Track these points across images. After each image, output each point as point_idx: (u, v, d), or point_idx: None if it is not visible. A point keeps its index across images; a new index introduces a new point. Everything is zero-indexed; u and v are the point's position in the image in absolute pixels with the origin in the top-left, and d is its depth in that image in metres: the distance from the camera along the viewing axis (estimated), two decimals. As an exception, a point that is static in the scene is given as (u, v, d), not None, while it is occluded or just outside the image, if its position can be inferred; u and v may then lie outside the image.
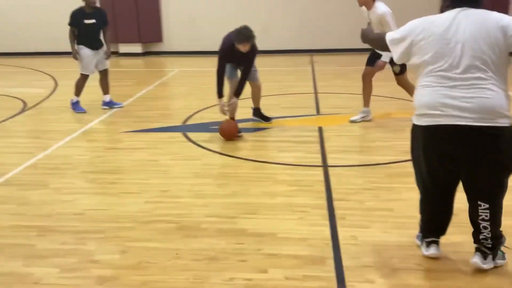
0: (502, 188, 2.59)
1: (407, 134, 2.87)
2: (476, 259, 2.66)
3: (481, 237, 2.63)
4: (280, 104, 6.84)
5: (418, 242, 2.93)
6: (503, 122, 2.42)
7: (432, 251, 2.81)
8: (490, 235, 2.60)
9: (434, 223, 2.82)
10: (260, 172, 4.34)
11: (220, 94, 5.25)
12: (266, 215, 3.48)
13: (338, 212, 3.46)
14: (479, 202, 2.56)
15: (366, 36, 2.95)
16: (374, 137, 5.25)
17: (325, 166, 4.40)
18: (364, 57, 5.60)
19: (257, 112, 5.88)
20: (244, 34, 4.99)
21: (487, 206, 2.54)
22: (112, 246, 3.08)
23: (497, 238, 2.66)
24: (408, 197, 3.65)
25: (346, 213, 3.45)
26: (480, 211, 2.57)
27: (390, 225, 3.26)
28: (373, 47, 2.80)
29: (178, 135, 5.48)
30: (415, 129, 2.65)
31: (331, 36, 11.84)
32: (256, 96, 5.79)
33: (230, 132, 5.18)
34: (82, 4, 6.42)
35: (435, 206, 2.77)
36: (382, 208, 3.51)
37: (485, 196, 2.57)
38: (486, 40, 2.39)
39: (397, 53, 2.66)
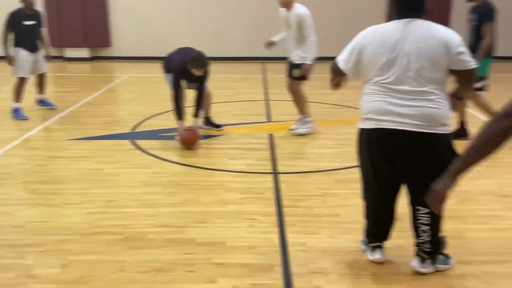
0: None
1: (355, 141, 2.92)
2: (415, 263, 2.75)
3: (420, 241, 2.71)
4: (231, 111, 6.83)
5: (364, 247, 2.98)
6: (442, 130, 2.51)
7: (377, 255, 2.87)
8: (429, 239, 2.67)
9: (378, 227, 2.88)
10: (210, 180, 4.29)
11: (180, 116, 5.10)
12: (216, 223, 3.44)
13: (287, 219, 3.48)
14: (418, 207, 2.64)
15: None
16: (323, 143, 5.33)
17: (275, 173, 4.42)
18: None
19: (207, 120, 5.84)
20: (200, 61, 4.96)
21: (426, 210, 2.60)
22: (53, 260, 2.93)
23: (436, 243, 2.72)
24: (355, 202, 3.71)
25: (295, 220, 3.47)
26: (419, 215, 2.65)
27: (337, 230, 3.30)
28: (333, 79, 2.78)
29: (126, 142, 5.34)
30: (361, 132, 2.72)
31: (283, 44, 11.97)
32: (205, 105, 5.74)
33: (191, 141, 5.08)
34: (20, 5, 6.19)
35: (379, 211, 2.82)
36: (330, 214, 3.56)
37: (424, 201, 2.65)
38: (430, 55, 2.45)
39: (348, 67, 2.68)
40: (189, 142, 5.07)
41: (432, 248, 2.71)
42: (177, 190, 4.04)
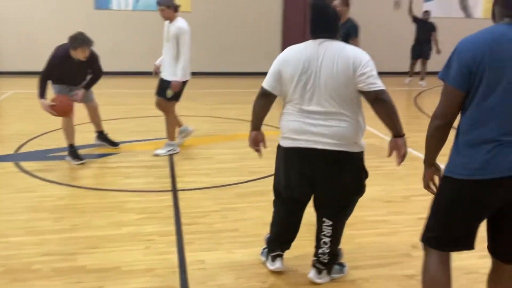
0: (347, 209, 2.81)
1: (254, 155, 2.97)
2: (312, 275, 2.84)
3: (319, 251, 2.80)
4: (129, 127, 6.60)
5: (263, 258, 3.02)
6: (353, 149, 2.63)
7: (277, 265, 2.92)
8: (328, 251, 2.78)
9: (283, 237, 2.95)
10: (104, 202, 4.07)
11: (42, 96, 4.65)
12: (110, 248, 3.26)
13: (186, 237, 3.40)
14: (324, 219, 2.76)
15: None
16: (222, 158, 5.34)
17: (174, 190, 4.32)
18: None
19: (101, 135, 5.55)
20: (81, 38, 4.58)
21: (330, 223, 2.74)
22: None
23: (334, 255, 2.85)
24: (253, 216, 3.76)
25: (194, 238, 3.40)
26: (323, 227, 2.76)
27: (236, 245, 3.30)
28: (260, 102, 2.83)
29: (9, 165, 4.89)
30: (279, 149, 2.80)
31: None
32: (94, 118, 5.44)
33: (64, 108, 4.70)
34: None
35: (287, 221, 2.92)
36: (229, 229, 3.55)
37: (330, 214, 2.75)
38: (340, 76, 2.49)
39: (273, 88, 2.70)
40: (61, 109, 4.69)
41: (329, 259, 2.81)
42: (66, 215, 3.77)
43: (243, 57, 11.86)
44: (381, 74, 2.58)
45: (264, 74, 2.82)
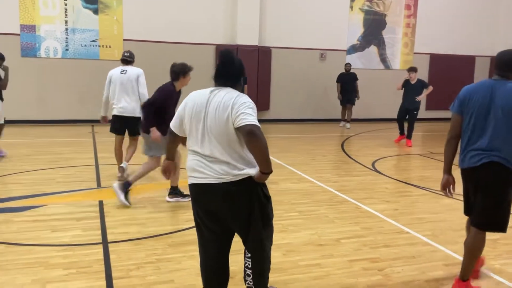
0: (260, 242, 2.80)
1: (188, 203, 2.97)
2: None
3: (246, 285, 2.86)
4: (55, 178, 6.33)
5: None
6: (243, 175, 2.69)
7: None
8: (251, 284, 2.82)
9: (209, 283, 2.94)
10: (29, 257, 3.84)
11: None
12: (34, 307, 3.06)
13: (118, 292, 3.28)
14: (245, 250, 2.84)
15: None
16: (157, 207, 5.25)
17: (105, 243, 4.17)
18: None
19: None
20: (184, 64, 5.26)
21: (249, 255, 2.81)
22: None
23: (262, 286, 2.85)
24: (188, 265, 3.71)
25: (127, 292, 3.29)
26: (245, 258, 2.84)
27: (171, 298, 3.23)
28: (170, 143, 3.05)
29: None
30: (189, 188, 2.88)
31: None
32: None
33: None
34: None
35: (211, 267, 2.92)
36: (163, 281, 3.47)
37: (248, 246, 2.83)
38: (222, 121, 2.65)
39: (177, 130, 2.91)
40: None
41: None
42: (-14, 274, 3.51)
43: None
44: (318, 120, 2.75)
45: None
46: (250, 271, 2.81)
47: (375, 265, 3.85)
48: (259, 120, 2.68)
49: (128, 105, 6.26)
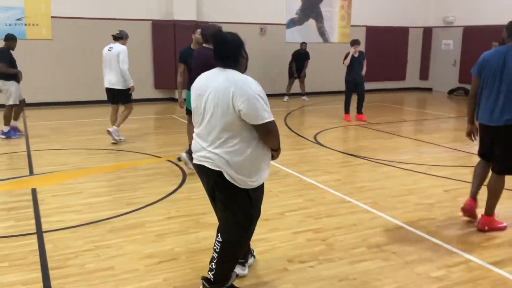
0: (232, 229, 2.77)
1: (131, 186, 2.84)
2: None
3: (209, 266, 2.82)
4: (-17, 167, 5.91)
5: None
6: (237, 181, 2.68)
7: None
8: (214, 267, 2.77)
9: None
10: (-46, 254, 3.56)
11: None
12: (-39, 307, 2.84)
13: (55, 283, 3.11)
14: (218, 233, 2.83)
15: None
16: (95, 192, 5.04)
17: (39, 232, 3.95)
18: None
19: None
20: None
21: (220, 239, 2.77)
22: None
23: (221, 274, 2.79)
24: (129, 250, 3.59)
25: (64, 282, 3.12)
26: (215, 241, 2.81)
27: (111, 284, 3.10)
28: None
29: None
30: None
31: (46, 90, 11.13)
32: None
33: None
34: None
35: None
36: (103, 268, 3.32)
37: (221, 229, 2.81)
38: (222, 107, 2.60)
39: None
40: None
41: (215, 278, 2.78)
42: None
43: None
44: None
45: (140, 100, 2.76)
46: (216, 255, 2.80)
47: (318, 235, 3.90)
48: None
49: (112, 78, 7.15)
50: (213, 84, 2.63)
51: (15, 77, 7.52)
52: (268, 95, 2.77)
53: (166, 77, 12.15)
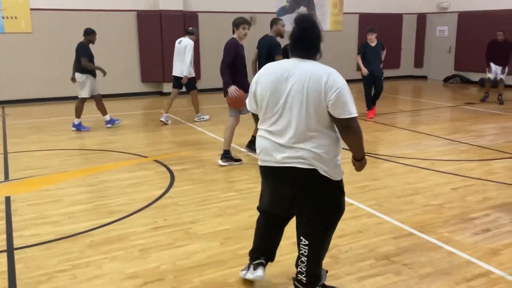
0: (322, 229, 2.62)
1: (114, 191, 2.43)
2: None
3: (298, 269, 2.68)
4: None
5: (243, 272, 2.96)
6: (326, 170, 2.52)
7: (258, 273, 2.82)
8: (305, 270, 2.63)
9: (264, 246, 2.92)
10: None
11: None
12: None
13: (23, 313, 2.71)
14: (301, 238, 2.63)
15: None
16: (75, 199, 4.62)
17: (10, 250, 3.53)
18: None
19: None
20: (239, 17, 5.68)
21: (307, 243, 2.60)
22: None
23: (313, 276, 2.66)
24: (109, 269, 3.19)
25: (34, 311, 2.73)
26: (301, 245, 2.64)
27: (88, 314, 2.72)
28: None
29: None
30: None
31: (26, 86, 10.61)
32: None
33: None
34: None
35: (267, 234, 2.90)
36: (79, 293, 2.94)
37: (306, 233, 2.61)
38: (315, 94, 2.43)
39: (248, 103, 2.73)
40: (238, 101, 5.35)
41: (308, 280, 2.65)
42: None
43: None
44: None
45: (126, 95, 2.34)
46: (305, 258, 2.66)
47: (321, 246, 3.52)
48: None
49: (178, 68, 8.22)
50: (297, 74, 2.41)
51: (92, 71, 7.66)
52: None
53: (153, 70, 11.67)
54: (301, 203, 2.60)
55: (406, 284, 3.00)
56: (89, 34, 7.60)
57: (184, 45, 8.09)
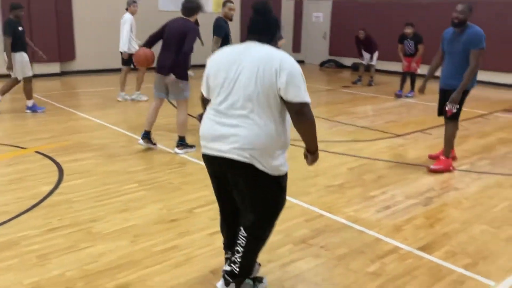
0: (261, 223, 2.54)
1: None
2: (219, 285, 2.60)
3: (232, 259, 2.59)
4: None
5: None
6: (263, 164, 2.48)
7: (226, 267, 2.64)
8: (239, 261, 2.54)
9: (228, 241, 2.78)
10: None
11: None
12: None
13: None
14: (240, 227, 2.54)
15: None
16: None
17: None
18: None
19: None
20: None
21: (245, 234, 2.51)
22: None
23: (245, 267, 2.57)
24: (5, 281, 2.73)
25: None
26: (239, 235, 2.54)
27: None
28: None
29: None
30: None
31: None
32: None
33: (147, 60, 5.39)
34: None
35: (225, 226, 2.77)
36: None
37: (246, 224, 2.51)
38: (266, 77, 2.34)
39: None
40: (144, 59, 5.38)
41: (239, 271, 2.56)
42: None
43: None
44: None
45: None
46: (242, 248, 2.55)
47: (237, 235, 3.44)
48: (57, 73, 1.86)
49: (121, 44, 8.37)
50: (250, 56, 2.36)
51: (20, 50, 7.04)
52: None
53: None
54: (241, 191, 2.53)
55: (326, 266, 3.07)
56: (16, 9, 6.97)
57: (123, 20, 8.26)
